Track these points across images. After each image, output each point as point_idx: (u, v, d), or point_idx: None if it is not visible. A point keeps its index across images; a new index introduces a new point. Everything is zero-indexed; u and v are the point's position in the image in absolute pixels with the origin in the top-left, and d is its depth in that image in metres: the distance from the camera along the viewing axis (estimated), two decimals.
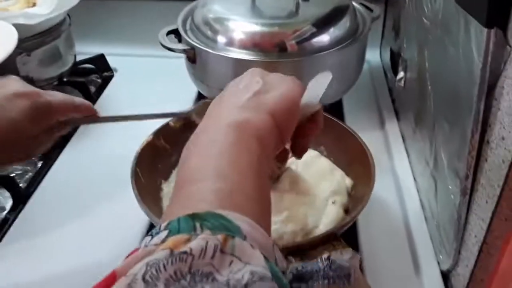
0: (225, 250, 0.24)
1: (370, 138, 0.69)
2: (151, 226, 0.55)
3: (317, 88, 0.41)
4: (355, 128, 0.70)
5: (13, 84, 0.42)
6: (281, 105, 0.37)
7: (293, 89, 0.38)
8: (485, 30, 0.38)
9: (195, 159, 0.33)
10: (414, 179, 0.63)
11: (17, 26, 0.62)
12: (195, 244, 0.24)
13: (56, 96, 0.43)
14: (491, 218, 0.41)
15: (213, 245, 0.24)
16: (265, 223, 0.31)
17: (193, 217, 0.26)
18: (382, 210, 0.59)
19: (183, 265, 0.23)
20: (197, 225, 0.26)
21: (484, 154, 0.42)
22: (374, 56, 0.90)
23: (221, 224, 0.26)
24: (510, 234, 0.40)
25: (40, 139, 0.43)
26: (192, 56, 0.67)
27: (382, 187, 0.59)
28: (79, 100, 0.46)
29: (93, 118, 0.47)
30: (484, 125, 0.42)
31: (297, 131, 0.40)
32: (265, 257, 0.25)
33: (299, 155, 0.45)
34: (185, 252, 0.24)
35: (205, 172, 0.31)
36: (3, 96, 0.40)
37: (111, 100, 0.83)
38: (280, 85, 0.38)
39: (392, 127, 0.73)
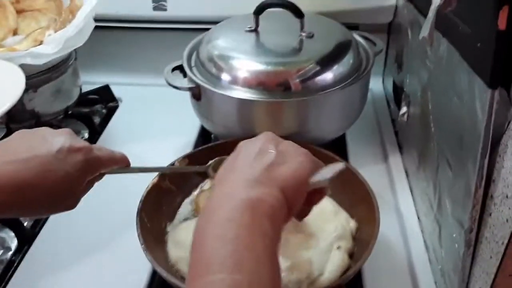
0: None
1: (373, 173, 0.69)
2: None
3: (328, 172, 0.42)
4: (359, 162, 0.71)
5: (66, 137, 0.45)
6: (292, 181, 0.38)
7: (305, 166, 0.40)
8: (489, 89, 0.39)
9: (211, 242, 0.33)
10: (418, 217, 0.63)
11: (24, 65, 0.63)
12: None
13: (102, 151, 0.48)
14: (496, 274, 0.41)
15: None
16: None
17: None
18: (386, 251, 0.59)
19: None
20: None
21: (488, 209, 0.42)
22: (376, 84, 0.91)
23: None
24: None
25: (84, 189, 0.47)
26: (197, 94, 0.68)
27: (386, 225, 0.58)
28: (119, 153, 0.50)
29: (126, 168, 0.51)
30: (488, 179, 0.42)
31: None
32: None
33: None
34: None
35: (222, 260, 0.31)
36: (60, 150, 0.43)
37: (116, 131, 0.83)
38: (293, 159, 0.40)
39: (396, 161, 0.73)
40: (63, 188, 0.43)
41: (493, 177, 0.41)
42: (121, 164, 0.50)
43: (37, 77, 0.69)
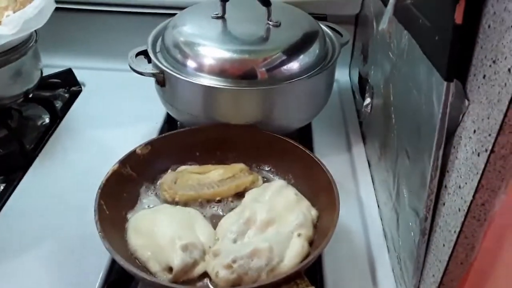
0: None
1: (337, 163, 0.71)
2: None
3: None
4: (323, 152, 0.72)
5: None
6: None
7: None
8: (445, 82, 0.39)
9: None
10: (378, 206, 0.65)
11: None
12: None
13: None
14: (448, 262, 0.42)
15: None
16: None
17: None
18: (347, 238, 0.60)
19: None
20: None
21: (442, 198, 0.44)
22: (343, 75, 0.92)
23: None
24: (466, 278, 0.42)
25: None
26: (161, 80, 0.67)
27: (347, 214, 0.60)
28: None
29: None
30: (443, 169, 0.43)
31: None
32: None
33: None
34: None
35: None
36: None
37: (79, 116, 0.81)
38: None
39: (359, 151, 0.75)
40: None
41: (448, 168, 0.43)
42: None
43: None
